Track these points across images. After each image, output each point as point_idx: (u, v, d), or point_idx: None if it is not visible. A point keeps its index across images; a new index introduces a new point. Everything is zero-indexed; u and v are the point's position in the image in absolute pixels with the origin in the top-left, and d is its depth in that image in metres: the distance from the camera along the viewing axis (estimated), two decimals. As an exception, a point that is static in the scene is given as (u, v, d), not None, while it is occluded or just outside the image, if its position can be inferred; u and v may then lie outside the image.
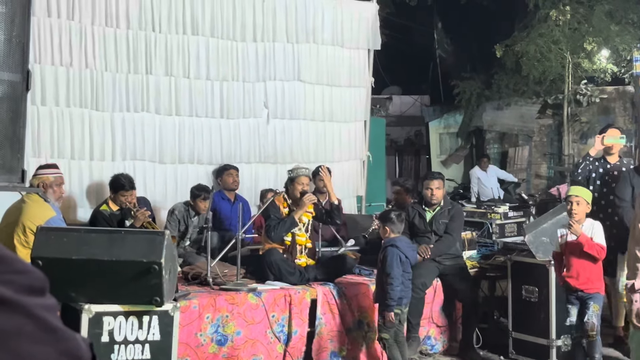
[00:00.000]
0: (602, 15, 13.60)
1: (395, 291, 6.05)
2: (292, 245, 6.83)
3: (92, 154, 7.94)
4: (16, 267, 0.97)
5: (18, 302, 0.94)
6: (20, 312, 0.94)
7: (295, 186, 6.83)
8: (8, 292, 0.93)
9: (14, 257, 0.99)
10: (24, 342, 0.92)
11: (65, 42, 7.71)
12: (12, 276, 0.96)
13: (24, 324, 0.93)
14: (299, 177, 6.83)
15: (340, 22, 9.30)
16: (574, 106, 14.41)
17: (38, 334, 0.94)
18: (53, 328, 0.96)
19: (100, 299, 4.73)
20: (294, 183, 6.84)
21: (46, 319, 0.96)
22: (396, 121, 18.49)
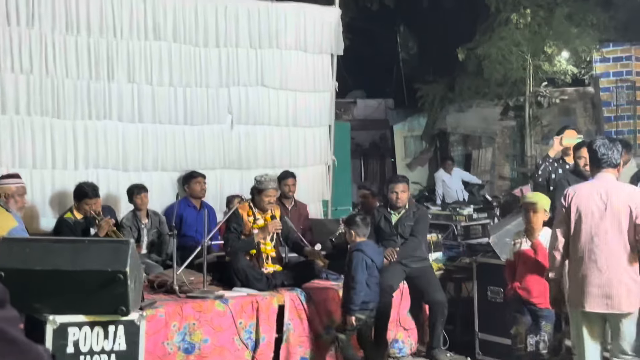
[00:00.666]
0: (562, 18, 13.78)
1: (359, 295, 6.06)
2: (258, 254, 6.84)
3: (55, 163, 7.84)
4: None
5: None
6: None
7: (262, 198, 6.86)
8: None
9: None
10: None
11: (25, 49, 7.61)
12: None
13: None
14: (267, 190, 6.86)
15: (303, 27, 9.30)
16: (535, 108, 14.57)
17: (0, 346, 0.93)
18: (14, 340, 0.95)
19: (65, 310, 4.68)
20: (261, 195, 6.86)
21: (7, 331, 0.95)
22: (361, 125, 18.53)
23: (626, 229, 4.91)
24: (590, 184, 5.20)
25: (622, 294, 4.90)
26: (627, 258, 4.92)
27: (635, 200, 4.94)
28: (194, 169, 8.50)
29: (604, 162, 5.07)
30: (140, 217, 7.69)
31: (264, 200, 6.86)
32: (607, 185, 5.04)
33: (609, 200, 4.96)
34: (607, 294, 4.91)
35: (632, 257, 4.93)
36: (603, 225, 4.94)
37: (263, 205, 6.88)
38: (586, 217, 4.98)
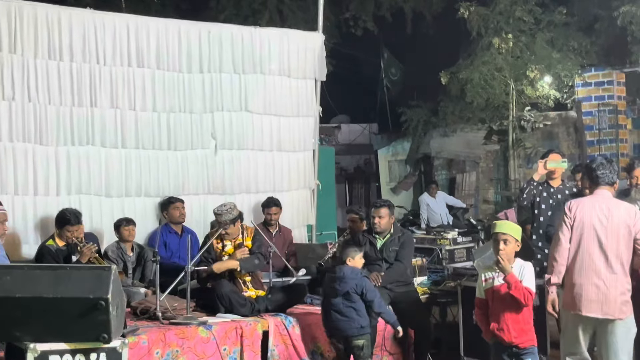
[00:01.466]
0: (544, 43, 13.92)
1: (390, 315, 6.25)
2: (235, 280, 6.83)
3: (37, 189, 7.78)
4: None
5: None
6: None
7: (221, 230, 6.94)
8: None
9: None
10: None
11: (7, 75, 7.57)
12: None
13: None
14: (222, 223, 6.89)
15: (287, 52, 9.32)
16: (518, 132, 14.66)
17: None
18: None
19: (46, 338, 4.63)
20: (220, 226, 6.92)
21: None
22: (345, 149, 18.59)
23: (624, 242, 5.42)
24: (590, 198, 5.64)
25: (617, 300, 5.38)
26: (622, 269, 5.42)
27: (632, 217, 5.45)
28: (177, 194, 8.46)
29: (602, 180, 5.58)
30: (125, 249, 7.62)
31: (222, 234, 6.92)
32: (607, 201, 5.53)
33: (610, 214, 5.45)
34: (603, 300, 5.38)
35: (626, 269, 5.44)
36: (603, 237, 5.42)
37: (222, 236, 6.93)
38: (589, 228, 5.45)
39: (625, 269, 5.43)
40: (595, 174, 5.59)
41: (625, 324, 5.42)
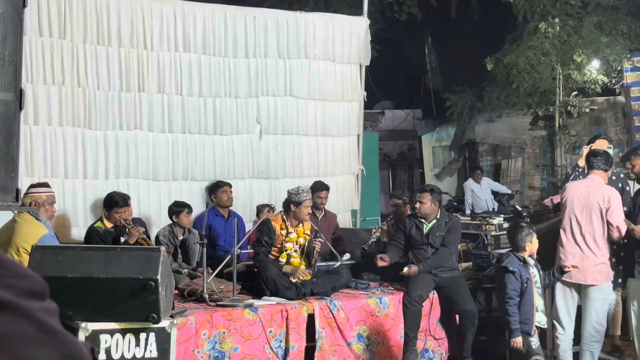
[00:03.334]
0: (592, 27, 13.67)
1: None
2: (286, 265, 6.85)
3: (86, 173, 7.92)
4: (16, 272, 0.98)
5: (19, 305, 0.94)
6: (22, 316, 0.94)
7: (301, 210, 6.89)
8: (9, 295, 0.93)
9: (13, 262, 0.99)
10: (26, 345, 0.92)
11: (57, 61, 7.70)
12: (13, 280, 0.96)
13: (25, 327, 0.93)
14: (305, 201, 6.89)
15: (332, 37, 9.32)
16: (565, 117, 14.46)
17: (40, 337, 0.94)
18: (54, 331, 0.96)
19: (97, 317, 4.71)
20: (300, 207, 6.86)
21: (47, 322, 0.96)
22: (389, 135, 18.54)
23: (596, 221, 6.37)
24: (580, 181, 6.82)
25: (589, 270, 6.39)
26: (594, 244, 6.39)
27: (605, 201, 6.33)
28: (223, 178, 8.53)
29: (595, 165, 6.53)
30: (177, 233, 7.71)
31: (303, 212, 6.89)
32: (590, 183, 6.52)
33: (588, 195, 6.42)
34: (581, 268, 6.38)
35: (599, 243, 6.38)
36: (579, 215, 6.44)
37: (302, 217, 6.91)
38: (570, 207, 6.50)
39: (598, 243, 6.39)
40: (592, 160, 6.56)
41: (599, 289, 6.43)
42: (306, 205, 6.89)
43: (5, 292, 0.93)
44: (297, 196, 6.88)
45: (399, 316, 6.80)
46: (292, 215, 6.93)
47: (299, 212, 6.88)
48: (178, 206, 7.76)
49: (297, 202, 6.87)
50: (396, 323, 6.78)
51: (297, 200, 6.87)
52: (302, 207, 6.87)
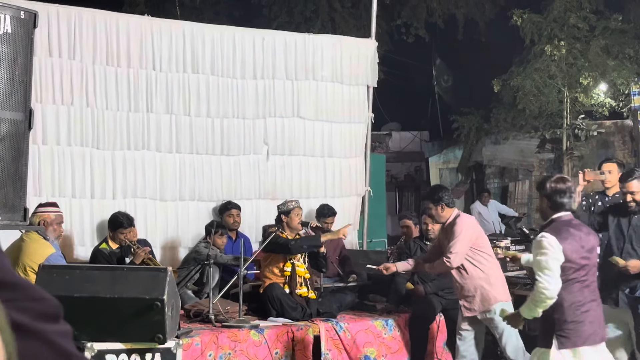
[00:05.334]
0: (599, 50, 13.70)
1: None
2: (292, 276, 6.82)
3: (93, 193, 7.94)
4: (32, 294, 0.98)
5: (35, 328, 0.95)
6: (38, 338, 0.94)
7: (292, 218, 6.92)
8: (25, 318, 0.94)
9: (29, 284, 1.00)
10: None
11: (67, 81, 7.75)
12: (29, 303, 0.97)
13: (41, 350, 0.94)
14: (294, 209, 6.95)
15: (340, 58, 9.35)
16: (572, 140, 14.45)
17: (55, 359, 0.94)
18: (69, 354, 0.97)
19: (103, 337, 4.71)
20: (290, 215, 6.90)
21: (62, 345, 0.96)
22: (396, 157, 18.55)
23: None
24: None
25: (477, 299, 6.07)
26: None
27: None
28: (230, 199, 8.54)
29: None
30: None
31: (294, 220, 6.95)
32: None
33: None
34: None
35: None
36: None
37: (294, 225, 6.93)
38: None
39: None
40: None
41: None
42: (296, 213, 6.95)
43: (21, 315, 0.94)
44: (284, 206, 6.95)
45: (405, 338, 6.77)
46: (286, 227, 6.95)
47: (291, 220, 6.91)
48: (211, 227, 7.75)
49: (286, 211, 6.93)
50: (403, 345, 6.75)
51: (285, 210, 6.94)
52: (292, 214, 6.91)
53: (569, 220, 4.71)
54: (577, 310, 4.56)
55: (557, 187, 4.72)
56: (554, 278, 4.45)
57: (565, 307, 4.54)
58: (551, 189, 4.73)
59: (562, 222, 4.67)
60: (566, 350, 4.54)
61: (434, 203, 6.26)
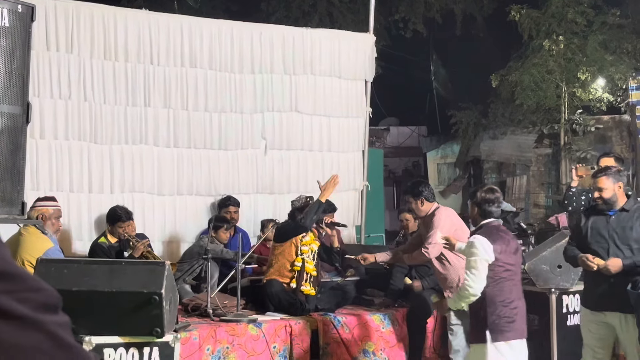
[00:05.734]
0: (597, 45, 13.71)
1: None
2: (301, 271, 6.81)
3: (91, 187, 7.93)
4: (32, 285, 0.98)
5: (35, 319, 0.95)
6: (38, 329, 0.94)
7: None
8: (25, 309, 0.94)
9: (28, 275, 1.00)
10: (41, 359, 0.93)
11: (64, 75, 7.74)
12: (29, 294, 0.97)
13: (41, 340, 0.94)
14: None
15: (338, 53, 9.34)
16: (570, 135, 14.46)
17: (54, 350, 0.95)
18: (69, 345, 0.97)
19: (101, 331, 4.71)
20: None
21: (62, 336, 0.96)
22: (394, 152, 18.56)
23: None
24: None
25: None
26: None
27: None
28: (228, 193, 8.53)
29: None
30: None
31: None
32: None
33: None
34: None
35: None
36: None
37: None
38: None
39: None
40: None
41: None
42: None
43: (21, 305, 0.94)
44: (298, 202, 6.92)
45: (403, 332, 6.77)
46: None
47: None
48: (219, 221, 7.75)
49: (301, 207, 6.90)
50: (401, 339, 6.75)
51: (301, 207, 6.90)
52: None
53: (497, 225, 5.22)
54: (507, 306, 5.00)
55: (486, 197, 5.21)
56: (480, 277, 4.91)
57: (498, 304, 4.98)
58: (481, 198, 5.22)
59: (491, 227, 5.14)
60: (500, 343, 4.96)
61: (414, 197, 6.39)
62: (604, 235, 5.50)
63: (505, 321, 4.97)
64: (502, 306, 4.98)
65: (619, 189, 5.50)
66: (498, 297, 4.99)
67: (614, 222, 5.49)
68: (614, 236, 5.46)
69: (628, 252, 5.42)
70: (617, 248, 5.45)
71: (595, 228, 5.55)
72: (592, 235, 5.55)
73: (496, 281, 4.98)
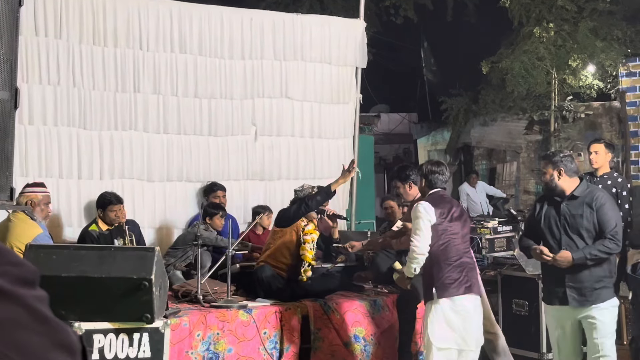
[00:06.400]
0: (587, 32, 13.71)
1: None
2: (299, 261, 6.81)
3: (80, 173, 7.90)
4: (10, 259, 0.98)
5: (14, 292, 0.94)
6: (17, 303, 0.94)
7: None
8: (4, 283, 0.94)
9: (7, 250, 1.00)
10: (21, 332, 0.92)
11: (53, 60, 7.69)
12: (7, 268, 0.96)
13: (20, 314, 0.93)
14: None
15: (328, 39, 9.32)
16: (560, 122, 14.49)
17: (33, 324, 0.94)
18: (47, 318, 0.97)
19: (90, 317, 4.69)
20: None
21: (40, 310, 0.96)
22: (384, 139, 18.56)
23: None
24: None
25: None
26: None
27: None
28: (217, 179, 8.51)
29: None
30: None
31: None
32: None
33: None
34: None
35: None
36: None
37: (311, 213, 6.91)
38: None
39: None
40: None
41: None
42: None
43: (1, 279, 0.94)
44: (303, 192, 6.89)
45: (394, 318, 6.79)
46: None
47: None
48: (213, 208, 7.73)
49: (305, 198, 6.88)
50: (392, 324, 6.77)
51: (305, 197, 6.86)
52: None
53: (442, 194, 5.60)
54: (451, 265, 5.34)
55: (432, 169, 5.58)
56: (424, 237, 5.28)
57: (442, 264, 5.34)
58: (428, 170, 5.59)
59: (437, 195, 5.53)
60: (444, 300, 5.30)
61: (402, 181, 6.46)
62: (557, 225, 5.40)
63: (450, 279, 5.31)
64: (446, 265, 5.32)
65: (558, 175, 5.39)
66: (442, 258, 5.34)
67: (564, 210, 5.39)
68: (565, 225, 5.35)
69: (580, 241, 5.30)
70: (569, 238, 5.33)
71: (547, 217, 5.47)
72: (544, 224, 5.47)
73: (440, 244, 5.34)
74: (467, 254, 5.52)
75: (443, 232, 5.35)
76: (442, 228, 5.35)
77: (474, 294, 5.40)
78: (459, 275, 5.34)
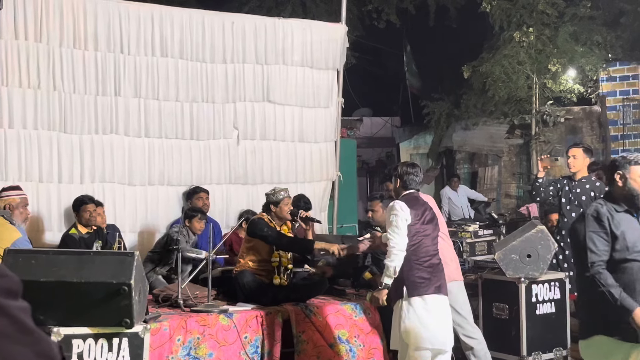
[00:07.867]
0: (567, 36, 13.82)
1: None
2: (279, 266, 6.80)
3: (61, 177, 7.86)
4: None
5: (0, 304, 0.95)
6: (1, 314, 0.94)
7: (282, 208, 6.84)
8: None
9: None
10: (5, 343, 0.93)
11: (33, 64, 7.65)
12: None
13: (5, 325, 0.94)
14: (284, 199, 6.85)
15: (310, 43, 9.33)
16: (541, 126, 14.58)
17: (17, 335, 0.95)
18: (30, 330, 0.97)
19: (70, 322, 4.67)
20: (280, 206, 6.83)
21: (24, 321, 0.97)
22: (367, 142, 18.59)
23: None
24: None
25: None
26: None
27: None
28: (199, 184, 8.50)
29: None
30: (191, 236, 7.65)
31: (284, 210, 6.86)
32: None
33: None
34: None
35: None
36: None
37: (284, 215, 6.88)
38: None
39: None
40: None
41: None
42: (285, 203, 6.87)
43: None
44: (274, 196, 6.87)
45: (377, 320, 6.79)
46: (274, 216, 6.90)
47: (280, 210, 6.86)
48: (191, 211, 7.71)
49: (276, 201, 6.85)
50: (375, 327, 6.77)
51: (275, 200, 6.85)
52: (281, 205, 6.85)
53: (416, 196, 5.67)
54: (422, 265, 5.42)
55: (407, 170, 5.67)
56: (401, 234, 5.34)
57: (413, 264, 5.39)
58: (403, 171, 5.68)
59: (411, 197, 5.61)
60: (414, 298, 5.35)
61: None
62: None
63: (420, 278, 5.38)
64: (417, 265, 5.40)
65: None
66: (413, 258, 5.41)
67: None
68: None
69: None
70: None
71: (632, 233, 4.19)
72: (633, 244, 4.17)
73: (411, 245, 5.40)
74: (436, 256, 5.60)
75: (416, 233, 5.44)
76: (415, 229, 5.44)
77: (443, 295, 5.49)
78: (429, 275, 5.42)
